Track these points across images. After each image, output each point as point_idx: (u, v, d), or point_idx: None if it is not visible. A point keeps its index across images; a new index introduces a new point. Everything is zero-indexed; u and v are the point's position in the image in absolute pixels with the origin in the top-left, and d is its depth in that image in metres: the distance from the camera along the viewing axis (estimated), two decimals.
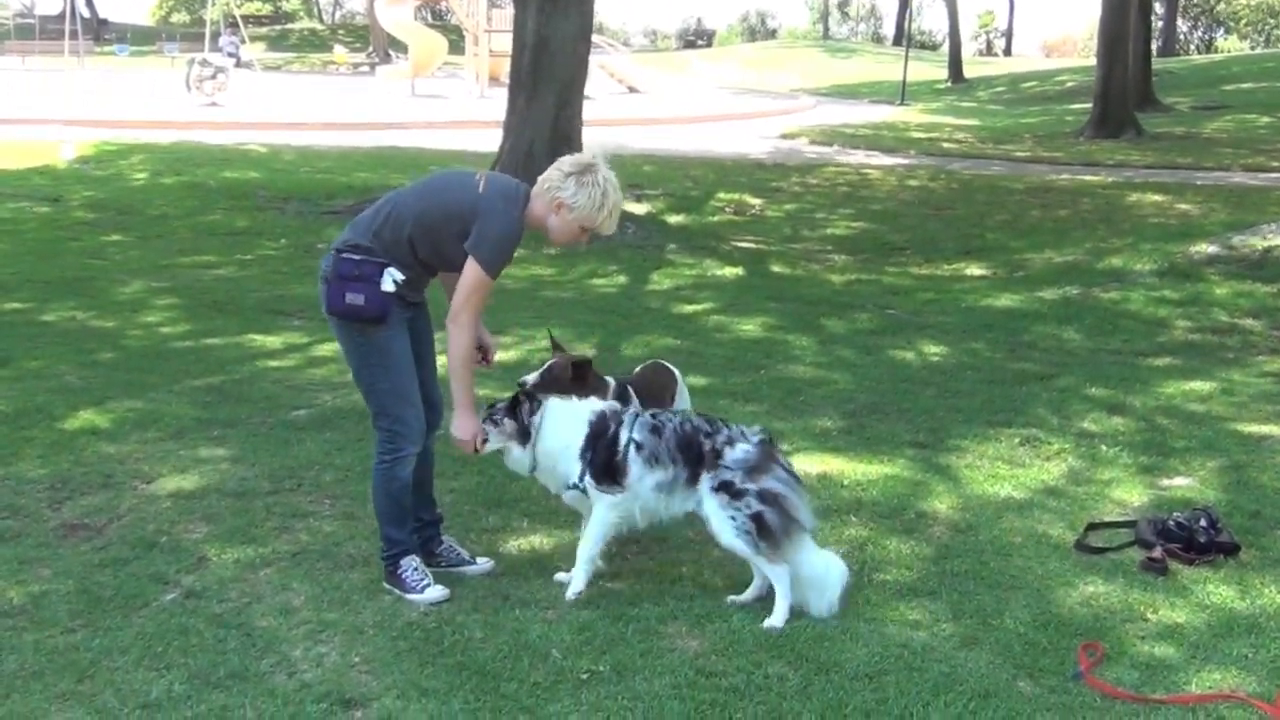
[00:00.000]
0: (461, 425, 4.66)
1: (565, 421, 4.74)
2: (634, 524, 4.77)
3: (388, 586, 4.76)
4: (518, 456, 4.81)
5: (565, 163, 4.63)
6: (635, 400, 5.41)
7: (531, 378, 5.24)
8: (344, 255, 4.60)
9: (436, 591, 4.69)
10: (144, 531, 5.26)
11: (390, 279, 4.55)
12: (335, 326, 4.74)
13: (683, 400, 5.98)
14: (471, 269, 4.52)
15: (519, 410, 4.77)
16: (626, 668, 4.16)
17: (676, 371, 6.03)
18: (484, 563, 5.04)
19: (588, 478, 4.67)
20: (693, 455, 4.60)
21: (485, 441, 4.76)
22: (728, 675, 4.11)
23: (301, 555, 5.08)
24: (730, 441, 4.59)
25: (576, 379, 5.25)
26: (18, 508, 5.49)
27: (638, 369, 6.07)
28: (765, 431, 4.71)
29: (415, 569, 4.75)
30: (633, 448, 4.63)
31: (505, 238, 4.57)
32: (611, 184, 4.60)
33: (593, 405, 4.80)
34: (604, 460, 4.65)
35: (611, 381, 5.47)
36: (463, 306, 4.55)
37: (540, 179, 4.65)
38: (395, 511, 4.78)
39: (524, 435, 4.76)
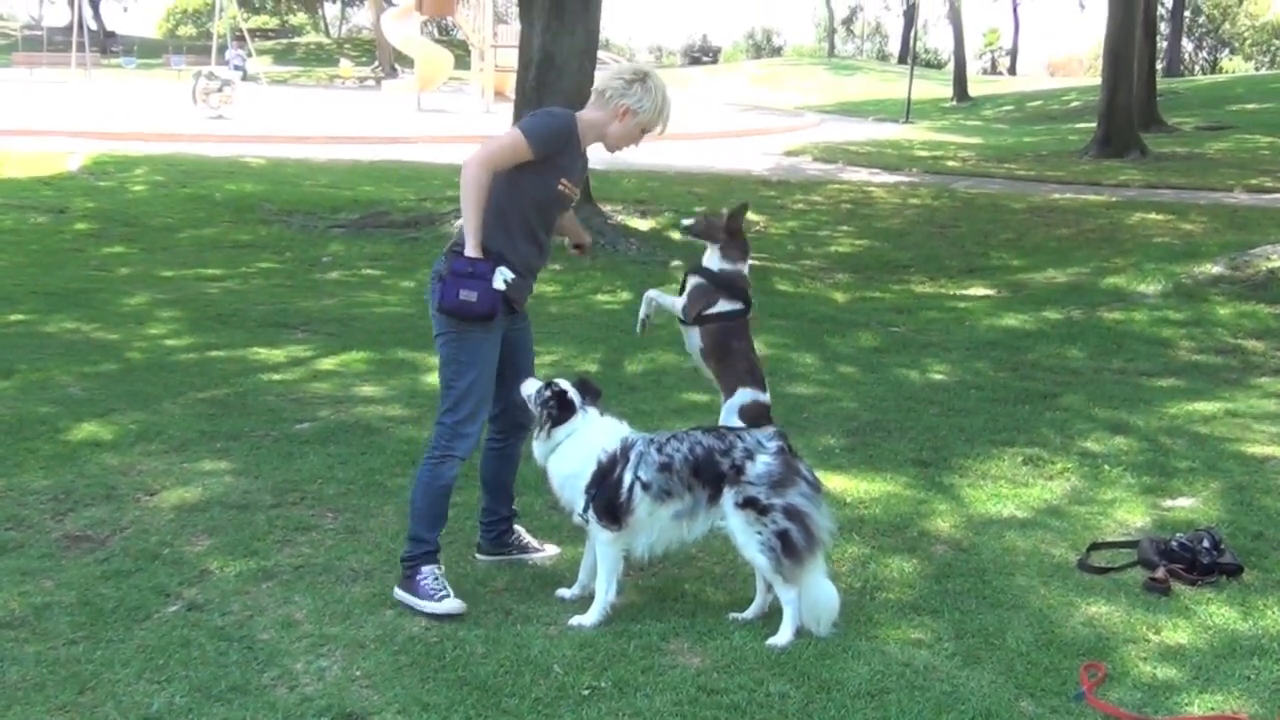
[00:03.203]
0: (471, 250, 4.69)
1: (580, 451, 4.69)
2: (654, 553, 4.74)
3: (399, 595, 4.73)
4: (534, 443, 4.84)
5: (624, 71, 4.93)
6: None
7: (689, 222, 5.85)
8: (458, 252, 4.70)
9: (453, 604, 4.67)
10: (146, 544, 5.26)
11: (501, 277, 4.66)
12: (436, 320, 4.82)
13: None
14: (509, 130, 4.85)
15: (545, 409, 4.74)
16: (628, 684, 4.16)
17: None
18: (551, 549, 5.34)
19: (590, 512, 4.64)
20: (710, 476, 4.55)
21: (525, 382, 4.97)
22: (729, 693, 4.11)
23: (304, 568, 5.08)
24: (749, 454, 4.54)
25: (730, 231, 5.69)
26: (20, 519, 5.49)
27: None
28: (780, 435, 4.67)
29: (435, 578, 4.73)
30: (638, 488, 4.59)
31: (547, 113, 4.96)
32: (666, 88, 4.94)
33: (606, 442, 4.69)
34: (608, 500, 4.61)
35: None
36: (481, 147, 4.71)
37: (597, 90, 4.91)
38: (431, 511, 4.82)
39: (539, 428, 4.77)
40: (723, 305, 5.64)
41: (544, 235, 4.93)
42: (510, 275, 4.69)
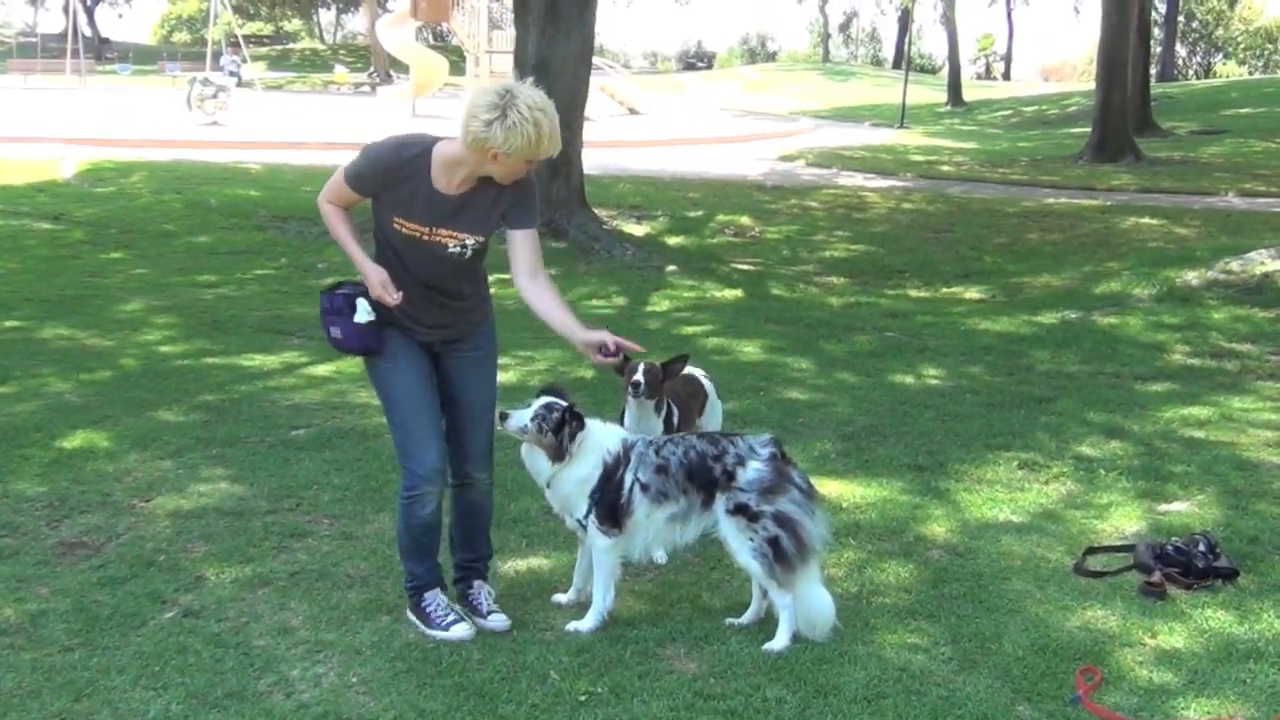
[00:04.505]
0: (371, 272, 4.39)
1: (588, 455, 4.62)
2: (647, 556, 4.74)
3: (411, 617, 4.64)
4: (541, 468, 4.65)
5: (481, 107, 4.13)
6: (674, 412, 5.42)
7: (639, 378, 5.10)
8: (327, 291, 4.57)
9: (461, 629, 4.54)
10: (142, 550, 5.26)
11: (363, 310, 4.42)
12: None
13: (714, 413, 5.91)
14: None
15: (564, 430, 4.57)
16: (624, 690, 4.16)
17: (707, 383, 5.92)
18: (496, 621, 4.68)
19: (592, 517, 4.61)
20: (703, 481, 4.55)
21: (506, 417, 4.58)
22: (726, 698, 4.11)
23: (300, 575, 5.08)
24: (740, 460, 4.53)
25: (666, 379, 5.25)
26: (16, 526, 5.49)
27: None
28: (774, 442, 4.64)
29: (440, 604, 4.60)
30: (637, 489, 4.58)
31: (364, 151, 4.40)
32: (537, 108, 4.13)
33: (610, 443, 4.66)
34: (610, 502, 4.59)
35: None
36: (323, 190, 4.48)
37: (462, 129, 4.19)
38: (413, 548, 4.64)
39: (559, 455, 4.59)
40: None
41: (413, 284, 4.43)
42: (369, 307, 4.41)
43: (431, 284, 4.49)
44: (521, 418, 4.58)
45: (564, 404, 4.60)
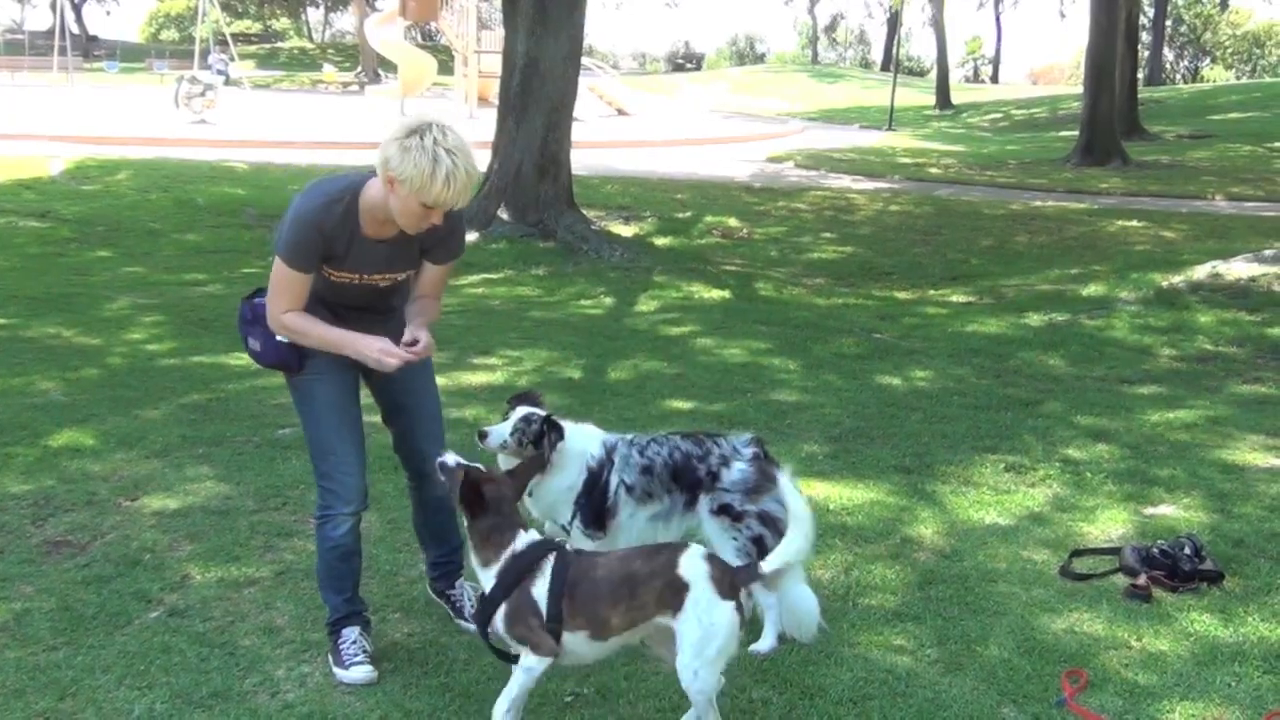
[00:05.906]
0: (368, 346, 4.09)
1: (571, 462, 4.59)
2: None
3: (329, 658, 4.38)
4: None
5: (397, 128, 3.93)
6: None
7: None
8: (247, 299, 4.33)
9: (361, 672, 4.22)
10: (127, 549, 5.24)
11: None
12: None
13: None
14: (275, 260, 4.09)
15: (544, 441, 4.52)
16: (611, 690, 4.15)
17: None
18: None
19: (576, 521, 4.60)
20: (687, 482, 4.55)
21: (485, 436, 4.51)
22: None
23: (285, 574, 5.06)
24: (725, 461, 4.54)
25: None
26: (0, 524, 5.47)
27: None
28: (757, 442, 4.65)
29: (353, 641, 4.32)
30: (622, 490, 4.58)
31: (293, 220, 4.04)
32: (443, 145, 3.85)
33: (592, 448, 4.63)
34: (595, 506, 4.58)
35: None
36: (270, 302, 4.14)
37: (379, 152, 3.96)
38: (328, 575, 4.41)
39: (540, 466, 4.53)
40: None
41: (341, 308, 4.26)
42: None
43: (362, 307, 4.30)
44: (500, 433, 4.53)
45: (541, 414, 4.56)
